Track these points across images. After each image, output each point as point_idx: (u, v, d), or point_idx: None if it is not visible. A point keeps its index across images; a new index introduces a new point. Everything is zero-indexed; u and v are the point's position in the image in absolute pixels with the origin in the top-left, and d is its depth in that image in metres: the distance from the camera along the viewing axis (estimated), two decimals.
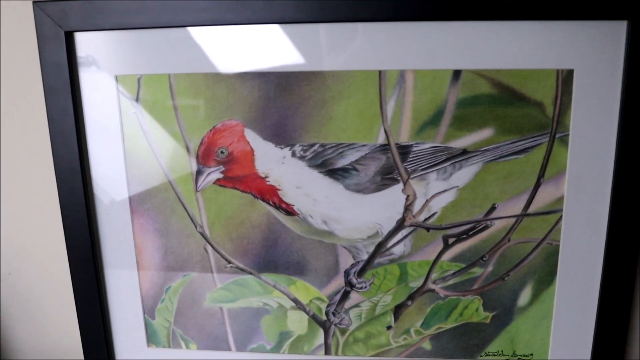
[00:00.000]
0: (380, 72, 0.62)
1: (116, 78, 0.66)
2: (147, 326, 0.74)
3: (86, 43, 0.65)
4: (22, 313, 0.81)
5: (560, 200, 0.64)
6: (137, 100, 0.66)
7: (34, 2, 0.64)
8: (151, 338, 0.74)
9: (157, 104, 0.66)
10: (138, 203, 0.69)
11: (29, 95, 0.70)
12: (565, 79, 0.61)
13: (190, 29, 0.63)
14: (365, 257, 0.68)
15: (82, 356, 0.77)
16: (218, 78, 0.64)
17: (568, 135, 0.62)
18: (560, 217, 0.65)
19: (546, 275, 0.67)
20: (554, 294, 0.68)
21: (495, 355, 0.70)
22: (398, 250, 0.68)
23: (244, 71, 0.63)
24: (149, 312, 0.73)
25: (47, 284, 0.79)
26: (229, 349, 0.73)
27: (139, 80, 0.65)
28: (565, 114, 0.62)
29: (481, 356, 0.70)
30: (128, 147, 0.68)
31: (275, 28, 0.62)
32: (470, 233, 0.67)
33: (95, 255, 0.71)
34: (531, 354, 0.70)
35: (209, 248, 0.70)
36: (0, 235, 0.78)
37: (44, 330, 0.82)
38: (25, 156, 0.73)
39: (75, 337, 0.79)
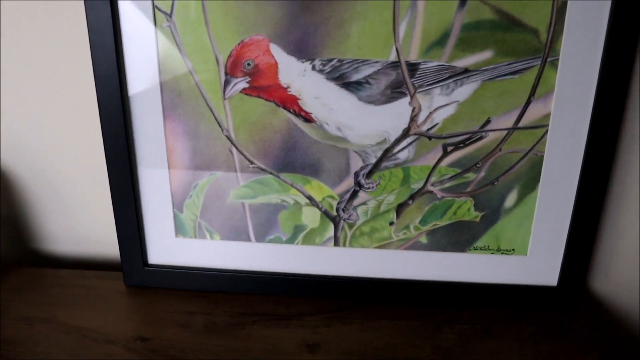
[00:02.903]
0: None
1: None
2: (176, 219, 0.87)
3: None
4: (58, 206, 0.94)
5: (547, 116, 0.76)
6: (171, 15, 0.76)
7: None
8: (179, 229, 0.87)
9: (189, 18, 0.75)
10: (170, 108, 0.80)
11: (71, 7, 0.79)
12: (560, 9, 0.71)
13: None
14: (373, 161, 0.81)
15: (116, 245, 0.91)
16: None
17: (558, 59, 0.73)
18: (546, 132, 0.77)
19: (530, 181, 0.80)
20: (536, 198, 0.80)
21: (482, 249, 0.84)
22: (402, 155, 0.80)
23: None
24: (177, 206, 0.86)
25: (83, 181, 0.91)
26: (249, 240, 0.86)
27: None
28: (557, 41, 0.72)
29: (470, 250, 0.84)
30: (162, 57, 0.77)
31: None
32: (466, 142, 0.78)
33: (130, 155, 0.82)
34: (513, 249, 0.83)
35: (234, 150, 0.81)
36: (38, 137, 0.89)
37: (79, 222, 0.95)
38: (66, 63, 0.83)
39: (109, 227, 0.93)
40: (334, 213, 0.84)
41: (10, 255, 0.99)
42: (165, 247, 0.88)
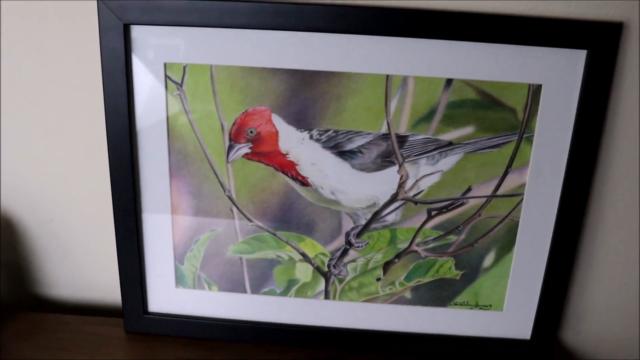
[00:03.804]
0: (387, 76, 0.80)
1: (165, 65, 0.82)
2: (177, 270, 0.93)
3: (141, 34, 0.81)
4: (61, 252, 0.99)
5: (522, 186, 0.84)
6: (181, 84, 0.83)
7: None
8: (179, 280, 0.93)
9: (198, 88, 0.82)
10: (176, 169, 0.87)
11: (89, 75, 0.86)
12: (535, 91, 0.79)
13: (233, 29, 0.79)
14: (363, 222, 0.88)
15: (116, 292, 0.97)
16: (252, 71, 0.81)
17: (533, 135, 0.81)
18: (522, 200, 0.85)
19: (507, 244, 0.87)
20: (512, 258, 0.88)
21: (462, 304, 0.91)
22: (390, 218, 0.87)
23: (274, 67, 0.80)
24: (179, 258, 0.92)
25: (88, 230, 0.97)
26: (245, 292, 0.93)
27: (184, 68, 0.82)
28: (532, 119, 0.81)
29: (450, 305, 0.91)
30: (171, 122, 0.84)
31: (305, 35, 0.79)
32: (449, 208, 0.86)
33: (136, 209, 0.88)
34: (490, 305, 0.91)
35: (235, 209, 0.88)
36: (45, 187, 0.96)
37: (81, 268, 1.00)
38: (77, 117, 0.90)
39: (111, 275, 0.98)
40: (326, 269, 0.91)
41: (12, 299, 1.04)
42: (166, 297, 0.95)
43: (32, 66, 0.88)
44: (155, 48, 0.82)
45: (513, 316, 0.92)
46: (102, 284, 1.01)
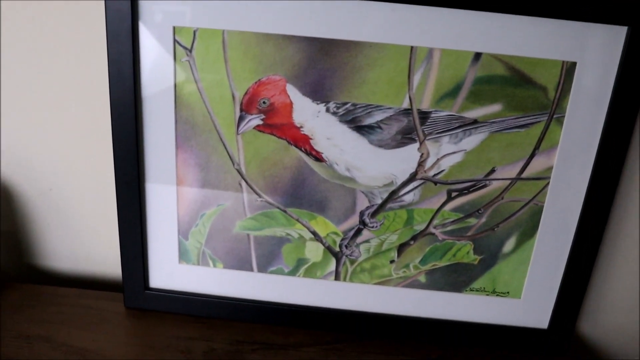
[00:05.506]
0: (412, 47, 0.76)
1: (174, 29, 0.77)
2: (180, 246, 0.89)
3: None
4: (61, 223, 0.97)
5: (549, 169, 0.81)
6: (191, 50, 0.79)
7: None
8: (183, 256, 0.90)
9: (209, 55, 0.78)
10: (183, 140, 0.83)
11: (92, 38, 0.82)
12: (569, 69, 0.75)
13: None
14: (379, 201, 0.85)
15: (117, 266, 0.94)
16: (267, 37, 0.77)
17: (564, 116, 0.78)
18: (547, 184, 0.81)
19: (529, 229, 0.84)
20: (534, 245, 0.85)
21: (478, 290, 0.88)
22: (408, 198, 0.84)
23: (291, 34, 0.76)
24: (183, 234, 0.89)
25: (89, 201, 0.94)
26: (252, 270, 0.90)
27: (194, 32, 0.77)
28: (564, 99, 0.77)
29: (466, 290, 0.88)
30: (179, 90, 0.80)
31: (325, 0, 0.74)
32: (470, 189, 0.83)
33: (140, 181, 0.85)
34: (508, 292, 0.88)
35: (243, 183, 0.85)
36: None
37: (81, 241, 0.97)
38: (80, 84, 0.86)
39: (112, 248, 0.95)
40: (337, 249, 0.88)
41: (9, 270, 1.01)
42: (168, 272, 0.92)
43: (33, 29, 0.84)
44: (163, 10, 0.77)
45: (531, 304, 0.89)
46: (102, 257, 0.98)
